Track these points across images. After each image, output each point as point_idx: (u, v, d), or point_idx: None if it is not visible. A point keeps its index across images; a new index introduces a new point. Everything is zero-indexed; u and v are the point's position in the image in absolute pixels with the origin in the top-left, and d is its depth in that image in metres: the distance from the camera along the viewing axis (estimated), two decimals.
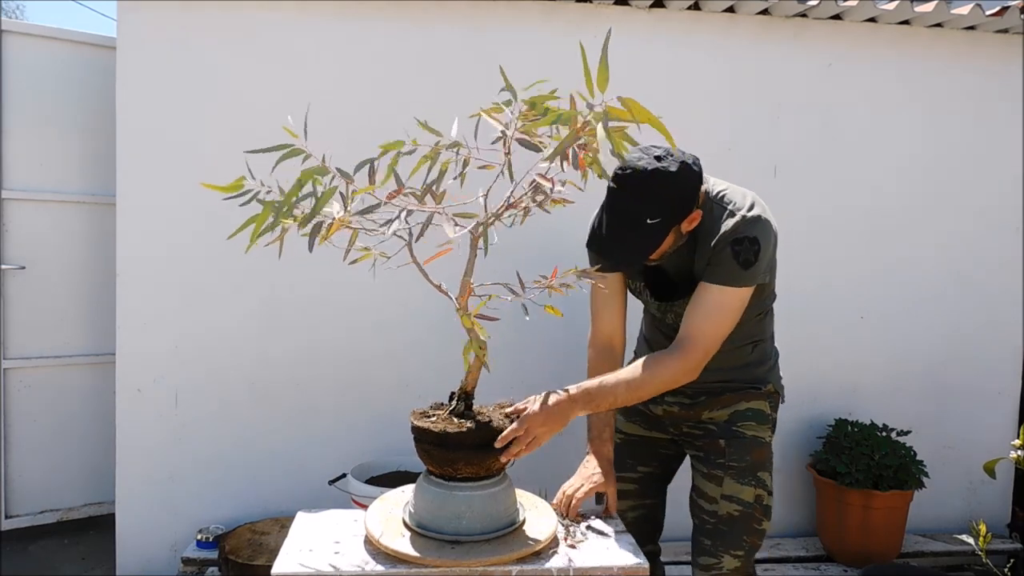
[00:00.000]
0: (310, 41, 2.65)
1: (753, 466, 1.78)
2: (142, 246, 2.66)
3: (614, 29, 2.76)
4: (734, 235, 1.61)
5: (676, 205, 1.58)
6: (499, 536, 1.41)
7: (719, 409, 1.84)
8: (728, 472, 1.78)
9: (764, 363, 1.88)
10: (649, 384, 1.63)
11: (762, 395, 1.85)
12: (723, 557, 1.76)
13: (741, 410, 1.82)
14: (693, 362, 1.64)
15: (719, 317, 1.64)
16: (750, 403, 1.83)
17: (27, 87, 3.05)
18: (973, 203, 3.09)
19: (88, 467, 3.23)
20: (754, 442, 1.80)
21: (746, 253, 1.61)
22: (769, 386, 1.87)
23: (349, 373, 2.80)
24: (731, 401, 1.83)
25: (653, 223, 1.56)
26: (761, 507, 1.77)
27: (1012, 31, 3.00)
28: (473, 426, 1.41)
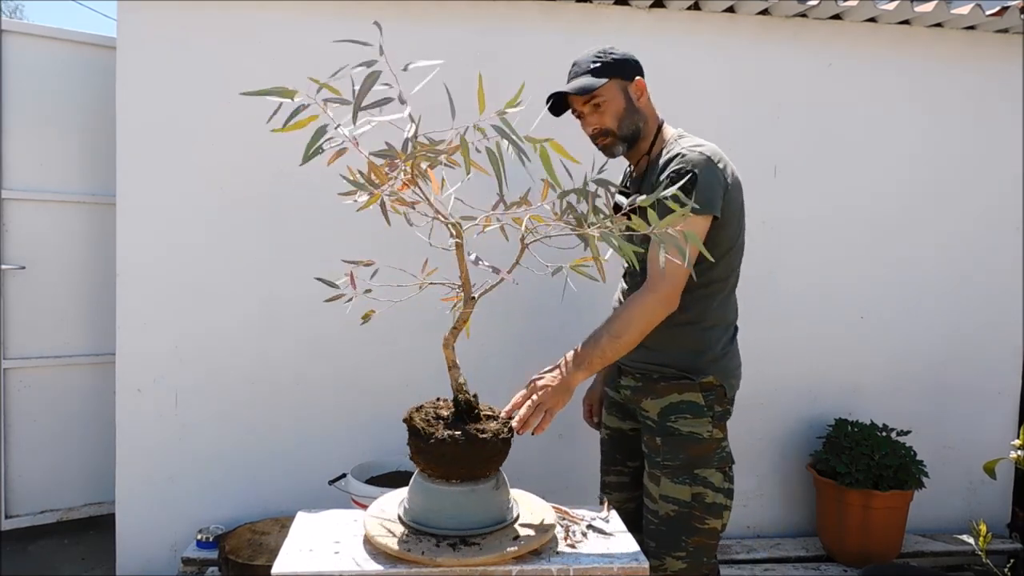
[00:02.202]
0: (310, 41, 2.65)
1: (689, 463, 1.76)
2: (142, 246, 2.66)
3: (614, 29, 2.78)
4: (673, 165, 1.71)
5: (616, 61, 1.80)
6: (494, 532, 1.41)
7: (653, 399, 1.82)
8: (664, 471, 1.77)
9: (705, 352, 1.80)
10: (628, 325, 1.67)
11: (695, 386, 1.79)
12: (665, 559, 1.75)
13: (675, 403, 1.79)
14: (663, 292, 1.66)
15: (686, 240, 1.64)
16: (683, 395, 1.79)
17: (27, 87, 3.05)
18: (973, 203, 3.09)
19: (88, 467, 3.23)
20: (690, 439, 1.77)
21: (682, 173, 1.69)
22: (708, 378, 1.80)
23: (349, 373, 2.80)
24: (665, 392, 1.81)
25: (595, 67, 1.79)
26: (703, 505, 1.74)
27: (1012, 31, 3.00)
28: (463, 438, 1.39)
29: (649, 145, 1.88)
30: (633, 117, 1.83)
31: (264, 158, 2.66)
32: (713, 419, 1.79)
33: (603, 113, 1.82)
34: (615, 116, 1.82)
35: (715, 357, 1.82)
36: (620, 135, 1.84)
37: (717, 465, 1.78)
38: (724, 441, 1.82)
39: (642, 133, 1.86)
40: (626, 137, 1.85)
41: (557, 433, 2.88)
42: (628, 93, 1.83)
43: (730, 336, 1.88)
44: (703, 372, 1.80)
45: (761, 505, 3.08)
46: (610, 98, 1.81)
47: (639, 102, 1.84)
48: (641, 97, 1.85)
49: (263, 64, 2.65)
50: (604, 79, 1.79)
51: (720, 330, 1.84)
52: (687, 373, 1.80)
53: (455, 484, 1.42)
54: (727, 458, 1.82)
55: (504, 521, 1.45)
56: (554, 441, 2.87)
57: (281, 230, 2.72)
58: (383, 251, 1.61)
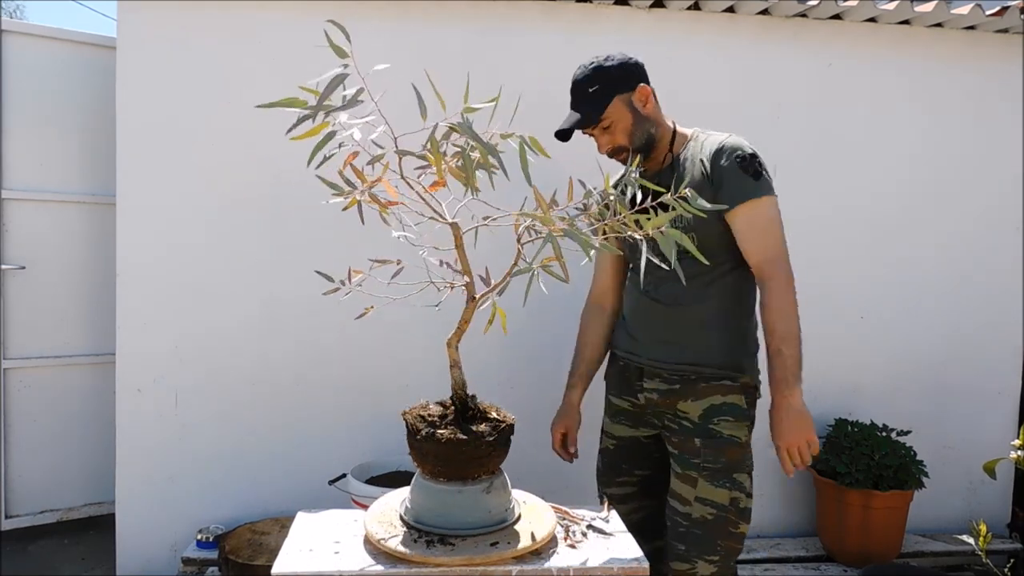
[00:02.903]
0: (310, 41, 2.65)
1: (728, 467, 1.73)
2: (142, 246, 2.66)
3: (614, 29, 2.78)
4: (732, 150, 1.71)
5: (615, 75, 1.76)
6: (494, 532, 1.41)
7: (693, 400, 1.77)
8: (702, 473, 1.73)
9: (744, 347, 1.79)
10: (790, 320, 1.68)
11: (738, 388, 1.77)
12: (696, 563, 1.72)
13: (716, 405, 1.76)
14: (783, 277, 1.70)
15: (773, 228, 1.71)
16: (726, 397, 1.76)
17: (27, 87, 3.05)
18: (973, 203, 3.09)
19: (88, 467, 3.23)
20: (730, 442, 1.74)
21: (750, 165, 1.69)
22: (746, 377, 1.78)
23: (349, 373, 2.80)
24: (706, 393, 1.76)
25: (593, 91, 1.76)
26: (737, 510, 1.73)
27: (1012, 31, 3.00)
28: (444, 437, 1.39)
29: (669, 144, 1.84)
30: (644, 126, 1.80)
31: (264, 158, 2.66)
32: (750, 423, 1.78)
33: (613, 132, 1.80)
34: (625, 132, 1.79)
35: (750, 352, 1.82)
36: (635, 147, 1.81)
37: (748, 470, 1.77)
38: (750, 445, 1.81)
39: (656, 138, 1.82)
40: (640, 148, 1.81)
41: None
42: (633, 105, 1.79)
43: (755, 329, 1.85)
44: (742, 370, 1.78)
45: (761, 505, 3.08)
46: (616, 117, 1.78)
47: (646, 109, 1.80)
48: (647, 104, 1.80)
49: (263, 64, 2.65)
50: (606, 102, 1.76)
51: (752, 324, 1.83)
52: (728, 372, 1.77)
53: (442, 483, 1.42)
54: (752, 462, 1.81)
55: (504, 522, 1.45)
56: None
57: (281, 230, 2.72)
58: (384, 251, 1.61)
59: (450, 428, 1.41)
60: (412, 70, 1.56)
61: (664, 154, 1.84)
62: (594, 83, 1.76)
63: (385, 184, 1.31)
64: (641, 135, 1.79)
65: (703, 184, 1.73)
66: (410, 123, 1.27)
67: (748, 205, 1.69)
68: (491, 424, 1.45)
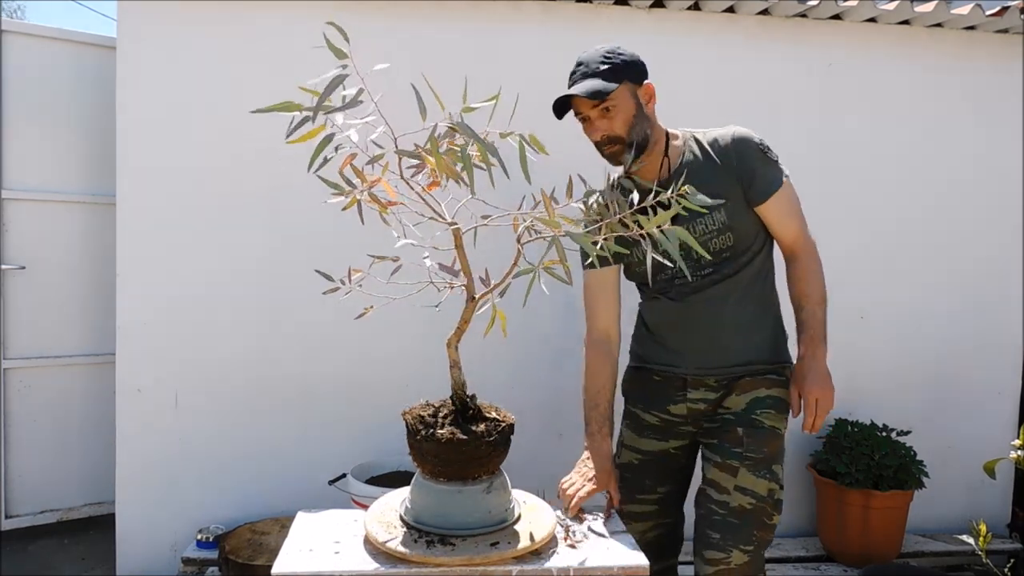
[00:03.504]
0: (311, 41, 2.65)
1: (769, 458, 1.72)
2: (142, 246, 2.66)
3: (614, 29, 2.78)
4: (747, 141, 1.75)
5: (627, 63, 1.72)
6: (494, 532, 1.41)
7: (737, 395, 1.77)
8: (744, 463, 1.70)
9: (784, 338, 1.85)
10: (822, 286, 1.78)
11: (782, 382, 1.79)
12: (732, 552, 1.66)
13: (761, 397, 1.75)
14: (812, 246, 1.79)
15: (799, 207, 1.78)
16: (771, 390, 1.76)
17: (27, 87, 3.05)
18: (973, 203, 3.09)
19: (88, 467, 3.23)
20: (772, 433, 1.73)
21: (768, 151, 1.76)
22: (788, 368, 1.82)
23: (349, 373, 2.80)
24: (750, 387, 1.76)
25: (605, 68, 1.69)
26: (773, 501, 1.71)
27: (1012, 31, 3.00)
28: (444, 437, 1.39)
29: (664, 149, 1.79)
30: (643, 123, 1.74)
31: (264, 158, 2.65)
32: (787, 416, 1.79)
33: (612, 119, 1.71)
34: (625, 122, 1.71)
35: (784, 342, 1.86)
36: (629, 142, 1.73)
37: (782, 460, 1.77)
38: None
39: (651, 141, 1.76)
40: (634, 144, 1.73)
41: (557, 433, 2.88)
42: (638, 98, 1.74)
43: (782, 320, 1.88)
44: (784, 361, 1.82)
45: None
46: (621, 103, 1.70)
47: (648, 107, 1.76)
48: (650, 103, 1.77)
49: (263, 64, 2.64)
50: (616, 83, 1.68)
51: (779, 316, 1.86)
52: (772, 365, 1.79)
53: (442, 483, 1.42)
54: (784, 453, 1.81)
55: (504, 521, 1.45)
56: (554, 441, 2.87)
57: (281, 230, 2.72)
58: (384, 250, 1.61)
59: (450, 428, 1.41)
60: (412, 70, 1.57)
61: (660, 161, 1.79)
62: (607, 62, 1.70)
63: (384, 184, 1.31)
64: (640, 130, 1.73)
65: (725, 180, 1.73)
66: (409, 123, 1.27)
67: (780, 193, 1.74)
68: (491, 424, 1.45)
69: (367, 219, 1.40)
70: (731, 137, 1.76)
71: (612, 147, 1.74)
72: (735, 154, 1.74)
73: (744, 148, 1.74)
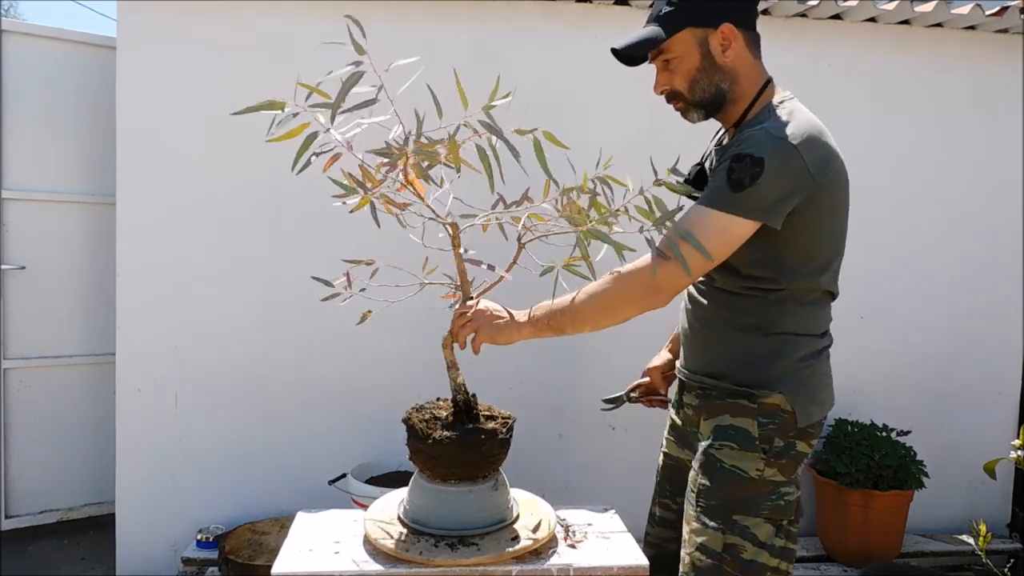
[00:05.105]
0: (310, 41, 2.65)
1: (727, 505, 1.38)
2: (142, 246, 2.66)
3: (614, 29, 2.78)
4: (741, 143, 1.34)
5: (692, 2, 1.41)
6: (493, 532, 1.41)
7: (707, 418, 1.48)
8: (698, 509, 1.41)
9: (773, 359, 1.42)
10: (594, 292, 1.38)
11: (751, 411, 1.40)
12: None
13: (723, 426, 1.43)
14: (657, 274, 1.32)
15: (703, 230, 1.31)
16: (735, 419, 1.42)
17: (27, 87, 3.05)
18: (973, 203, 3.09)
19: (88, 467, 3.23)
20: (731, 475, 1.39)
21: (740, 172, 1.30)
22: (773, 397, 1.40)
23: (349, 373, 2.80)
24: (718, 411, 1.45)
25: (665, 13, 1.43)
26: (737, 561, 1.36)
27: (1012, 31, 3.00)
28: (460, 438, 1.39)
29: (744, 110, 1.45)
30: (712, 77, 1.43)
31: (263, 159, 2.65)
32: (768, 454, 1.39)
33: (673, 72, 1.45)
34: (686, 77, 1.44)
35: (787, 369, 1.42)
36: (693, 100, 1.46)
37: (768, 514, 1.38)
38: (786, 486, 1.41)
39: (729, 96, 1.44)
40: (701, 103, 1.46)
41: (557, 433, 2.88)
42: (708, 46, 1.41)
43: (814, 349, 1.45)
44: (768, 386, 1.41)
45: None
46: (681, 53, 1.42)
47: (724, 56, 1.41)
48: (727, 50, 1.41)
49: (263, 64, 2.65)
50: (674, 29, 1.40)
51: (797, 340, 1.43)
52: (747, 388, 1.42)
53: (452, 484, 1.41)
54: (786, 508, 1.41)
55: (504, 521, 1.45)
56: (554, 441, 2.87)
57: (281, 231, 2.72)
58: (384, 252, 1.60)
59: (464, 429, 1.41)
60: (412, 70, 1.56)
61: (736, 120, 1.47)
62: (671, 3, 1.42)
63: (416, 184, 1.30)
64: (706, 86, 1.43)
65: None
66: (407, 123, 1.26)
67: (699, 208, 1.34)
68: (500, 422, 1.45)
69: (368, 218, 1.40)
70: (749, 131, 1.37)
71: (676, 103, 1.49)
72: (730, 146, 1.42)
73: (733, 146, 1.37)
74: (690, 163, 1.59)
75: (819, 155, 1.35)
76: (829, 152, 1.39)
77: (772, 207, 1.32)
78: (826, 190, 1.38)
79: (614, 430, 2.92)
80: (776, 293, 1.42)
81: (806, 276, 1.43)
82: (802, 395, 1.41)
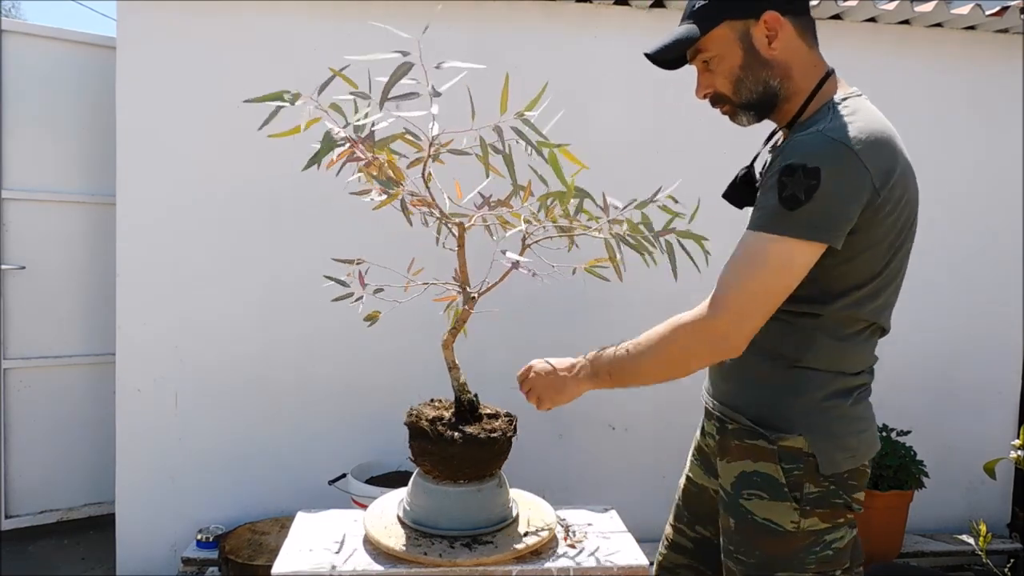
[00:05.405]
0: (310, 41, 2.65)
1: (767, 563, 1.23)
2: (142, 246, 2.66)
3: (614, 29, 2.78)
4: (791, 153, 1.15)
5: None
6: (494, 532, 1.41)
7: (728, 461, 1.32)
8: (738, 566, 1.28)
9: (791, 396, 1.25)
10: (653, 346, 1.23)
11: (772, 453, 1.24)
12: None
13: (747, 473, 1.27)
14: (718, 320, 1.17)
15: (749, 269, 1.17)
16: (757, 464, 1.26)
17: (27, 87, 3.05)
18: (973, 203, 3.09)
19: (88, 467, 3.23)
20: (765, 529, 1.23)
21: (793, 186, 1.12)
22: (792, 439, 1.23)
23: (349, 373, 2.80)
24: (738, 454, 1.29)
25: (699, 7, 1.26)
26: None
27: (1012, 31, 3.00)
28: (476, 438, 1.39)
29: (799, 108, 1.28)
30: (758, 74, 1.26)
31: (264, 159, 2.65)
32: (801, 502, 1.22)
33: (714, 72, 1.30)
34: (728, 76, 1.28)
35: (808, 408, 1.24)
36: (739, 103, 1.30)
37: (816, 568, 1.22)
38: (832, 532, 1.23)
39: (782, 93, 1.28)
40: (749, 104, 1.29)
41: (557, 433, 2.88)
42: (750, 39, 1.24)
43: (843, 388, 1.26)
44: (784, 428, 1.24)
45: None
46: (720, 51, 1.26)
47: (771, 49, 1.24)
48: (774, 41, 1.24)
49: (263, 64, 2.65)
50: (709, 25, 1.24)
51: (822, 376, 1.25)
52: (762, 427, 1.26)
53: (462, 484, 1.41)
54: (837, 557, 1.24)
55: (508, 518, 1.45)
56: (554, 441, 2.87)
57: (281, 231, 2.72)
58: (388, 252, 1.61)
59: (477, 429, 1.40)
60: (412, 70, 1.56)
61: (790, 120, 1.30)
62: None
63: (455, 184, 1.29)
64: (752, 86, 1.27)
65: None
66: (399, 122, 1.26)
67: (752, 232, 1.19)
68: (504, 420, 1.46)
69: (369, 220, 1.40)
70: (798, 137, 1.19)
71: (722, 107, 1.34)
72: (777, 157, 1.22)
73: (782, 157, 1.18)
74: (694, 188, 1.50)
75: (884, 164, 1.17)
76: (896, 161, 1.21)
77: (836, 225, 1.14)
78: (886, 205, 1.17)
79: (614, 430, 2.92)
80: (809, 320, 1.24)
81: (848, 304, 1.24)
82: (825, 439, 1.23)
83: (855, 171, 1.13)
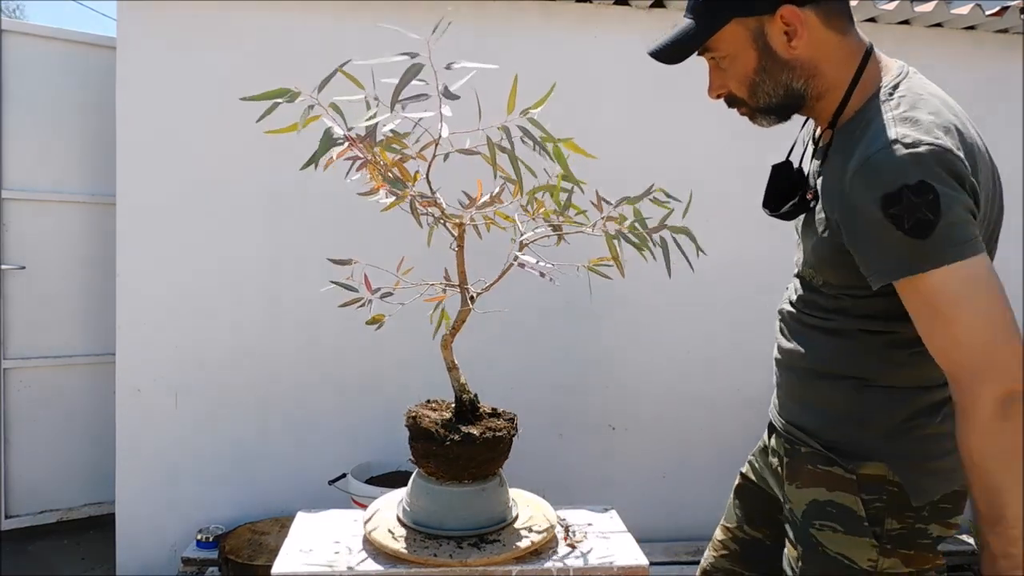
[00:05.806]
0: (310, 42, 2.65)
1: None
2: (142, 246, 2.67)
3: (614, 29, 2.78)
4: (874, 179, 1.00)
5: None
6: (494, 532, 1.41)
7: (798, 487, 1.20)
8: None
9: (867, 420, 1.14)
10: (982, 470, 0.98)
11: (851, 483, 1.13)
12: None
13: (821, 502, 1.16)
14: (979, 399, 0.97)
15: (956, 313, 1.01)
16: (833, 493, 1.14)
17: (27, 87, 3.05)
18: None
19: (88, 467, 3.23)
20: (836, 563, 1.13)
21: (912, 214, 0.97)
22: (871, 466, 1.12)
23: (349, 373, 2.80)
24: (810, 480, 1.18)
25: (701, 3, 1.13)
26: None
27: (1012, 31, 3.00)
28: (482, 438, 1.39)
29: (839, 103, 1.14)
30: (777, 77, 1.13)
31: (264, 158, 2.66)
32: (881, 539, 1.11)
33: (725, 72, 1.17)
34: (742, 79, 1.16)
35: (889, 431, 1.13)
36: (757, 107, 1.19)
37: None
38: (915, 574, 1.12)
39: (810, 93, 1.15)
40: (769, 108, 1.18)
41: (557, 433, 2.88)
42: (764, 38, 1.10)
43: (926, 404, 1.14)
44: (863, 455, 1.13)
45: None
46: (731, 52, 1.13)
47: (791, 49, 1.10)
48: (794, 38, 1.09)
49: (262, 64, 2.65)
50: (719, 22, 1.10)
51: (903, 393, 1.13)
52: (836, 452, 1.15)
53: (466, 484, 1.41)
54: None
55: (510, 517, 1.45)
56: (554, 441, 2.87)
57: (281, 230, 2.72)
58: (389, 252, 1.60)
59: (480, 427, 1.41)
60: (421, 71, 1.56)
61: (830, 118, 1.16)
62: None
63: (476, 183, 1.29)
64: (771, 90, 1.14)
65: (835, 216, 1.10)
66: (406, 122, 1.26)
67: (908, 284, 1.02)
68: (505, 419, 1.46)
69: (369, 220, 1.40)
70: (865, 156, 1.02)
71: (739, 109, 1.23)
72: (850, 184, 1.04)
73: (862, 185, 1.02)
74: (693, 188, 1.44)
75: (967, 149, 1.04)
76: (975, 145, 1.08)
77: (975, 229, 1.03)
78: (979, 193, 1.06)
79: (614, 430, 2.92)
80: (880, 336, 1.13)
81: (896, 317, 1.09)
82: (910, 465, 1.11)
83: (956, 165, 1.00)
